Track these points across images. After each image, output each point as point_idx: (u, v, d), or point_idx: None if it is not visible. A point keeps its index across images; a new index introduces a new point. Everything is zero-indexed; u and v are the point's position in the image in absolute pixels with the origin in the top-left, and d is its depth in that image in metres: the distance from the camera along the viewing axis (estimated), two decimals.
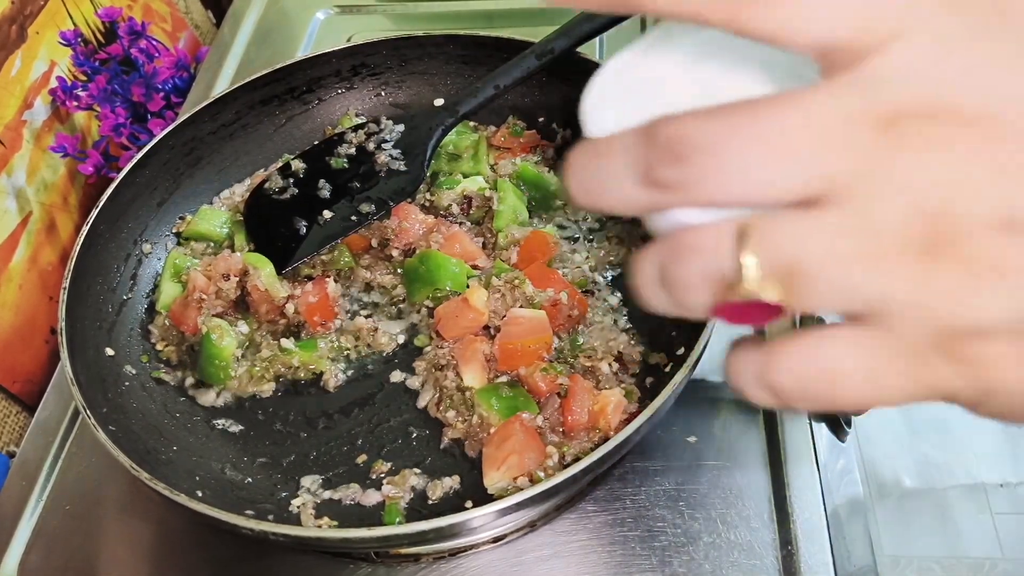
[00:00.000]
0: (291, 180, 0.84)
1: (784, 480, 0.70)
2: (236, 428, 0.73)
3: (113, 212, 0.77)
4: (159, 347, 0.78)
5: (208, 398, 0.75)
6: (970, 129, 0.23)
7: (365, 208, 0.80)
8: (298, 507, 0.66)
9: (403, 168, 0.82)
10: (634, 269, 0.28)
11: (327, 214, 0.80)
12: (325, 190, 0.82)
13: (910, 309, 0.23)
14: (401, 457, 0.70)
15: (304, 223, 0.80)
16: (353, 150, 0.84)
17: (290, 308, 0.77)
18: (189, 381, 0.76)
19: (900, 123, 0.23)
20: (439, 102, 0.85)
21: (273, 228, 0.81)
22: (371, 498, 0.67)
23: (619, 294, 0.78)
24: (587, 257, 0.80)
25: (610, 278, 0.79)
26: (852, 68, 0.24)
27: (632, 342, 0.73)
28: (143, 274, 0.81)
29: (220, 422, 0.73)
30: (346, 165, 0.84)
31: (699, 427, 0.74)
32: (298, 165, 0.85)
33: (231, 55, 1.16)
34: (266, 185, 0.84)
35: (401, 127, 0.84)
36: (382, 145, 0.83)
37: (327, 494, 0.68)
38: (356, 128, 0.86)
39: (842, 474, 0.81)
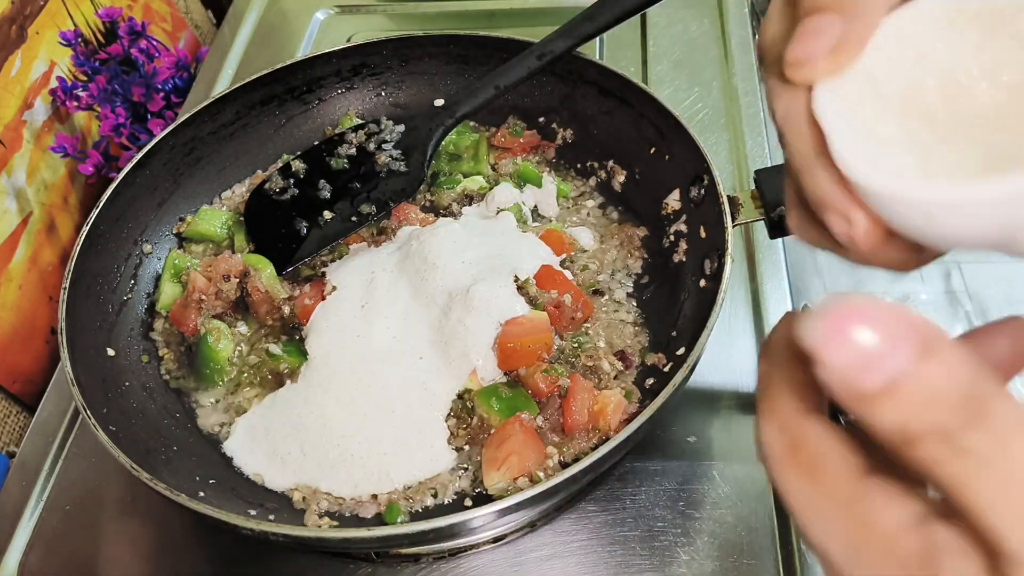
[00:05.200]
0: (291, 180, 0.84)
1: None
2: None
3: (113, 212, 0.77)
4: (160, 348, 0.78)
5: (205, 399, 0.75)
6: None
7: (365, 208, 0.80)
8: (299, 507, 0.66)
9: (403, 168, 0.82)
10: None
11: (327, 215, 0.80)
12: (325, 191, 0.82)
13: None
14: None
15: (304, 224, 0.80)
16: (353, 150, 0.84)
17: (286, 309, 0.77)
18: (189, 382, 0.76)
19: None
20: (439, 102, 0.85)
21: (273, 229, 0.81)
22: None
23: (625, 290, 0.78)
24: (592, 256, 0.81)
25: (616, 276, 0.79)
26: None
27: (635, 338, 0.74)
28: (143, 274, 0.81)
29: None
30: (346, 166, 0.84)
31: (699, 427, 0.74)
32: (298, 165, 0.85)
33: (231, 55, 1.16)
34: (266, 185, 0.84)
35: (401, 127, 0.84)
36: (382, 146, 0.83)
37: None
38: (356, 128, 0.86)
39: None
